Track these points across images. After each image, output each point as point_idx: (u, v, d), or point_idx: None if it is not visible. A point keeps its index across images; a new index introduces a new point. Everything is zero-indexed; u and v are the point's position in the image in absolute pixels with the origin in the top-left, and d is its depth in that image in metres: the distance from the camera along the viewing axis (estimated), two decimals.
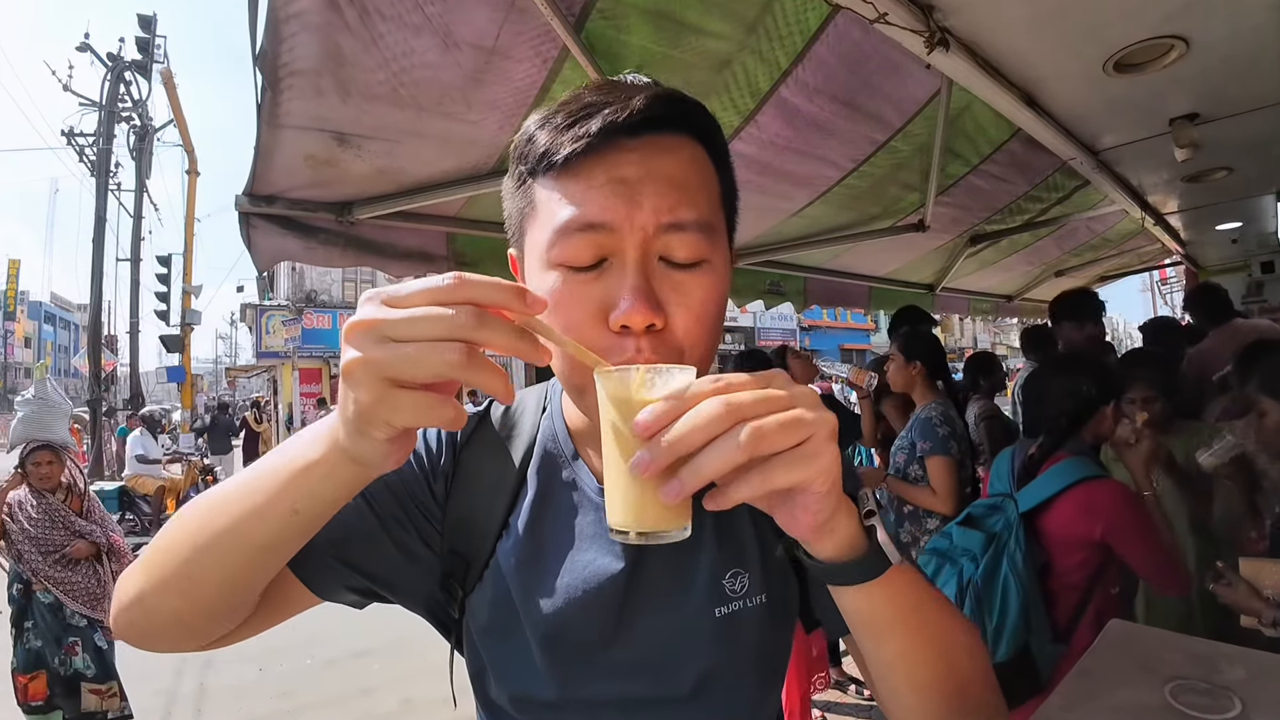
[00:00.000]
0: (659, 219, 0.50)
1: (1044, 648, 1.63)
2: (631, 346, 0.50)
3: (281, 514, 0.46)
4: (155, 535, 0.53)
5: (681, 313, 0.51)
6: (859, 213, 3.02)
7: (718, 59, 1.78)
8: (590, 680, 0.60)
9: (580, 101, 0.52)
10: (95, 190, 13.95)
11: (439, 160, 2.03)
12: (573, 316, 0.51)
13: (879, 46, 1.79)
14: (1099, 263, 5.20)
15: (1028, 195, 3.21)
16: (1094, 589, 1.65)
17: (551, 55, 1.65)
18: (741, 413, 0.38)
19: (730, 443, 0.38)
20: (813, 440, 0.40)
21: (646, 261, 0.50)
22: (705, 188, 0.54)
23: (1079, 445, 1.75)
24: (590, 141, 0.49)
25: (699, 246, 0.52)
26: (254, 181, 1.91)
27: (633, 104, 0.50)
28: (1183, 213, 3.65)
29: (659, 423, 0.39)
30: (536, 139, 0.53)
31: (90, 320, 14.07)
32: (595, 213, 0.50)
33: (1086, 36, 1.66)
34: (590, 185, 0.50)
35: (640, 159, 0.50)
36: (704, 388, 0.40)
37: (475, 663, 0.65)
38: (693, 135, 0.54)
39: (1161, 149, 2.33)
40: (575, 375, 0.55)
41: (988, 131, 2.50)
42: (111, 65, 14.03)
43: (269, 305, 17.87)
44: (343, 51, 1.49)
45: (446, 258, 2.48)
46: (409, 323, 0.37)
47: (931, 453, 2.44)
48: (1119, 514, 1.60)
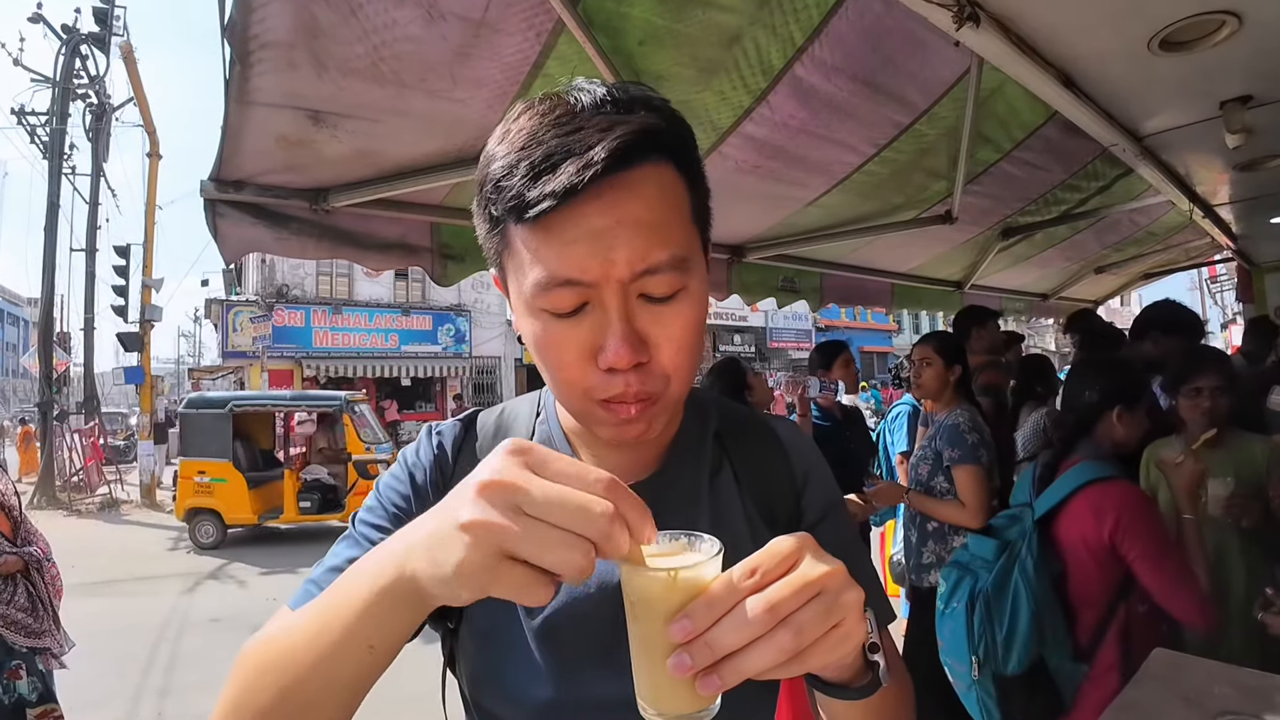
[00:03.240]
0: (633, 269, 0.55)
1: (1063, 665, 1.66)
2: (620, 382, 0.57)
3: (358, 652, 0.50)
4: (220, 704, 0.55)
5: (665, 345, 0.58)
6: (880, 202, 3.03)
7: (727, 34, 1.79)
8: (590, 682, 0.64)
9: (541, 148, 0.54)
10: (48, 174, 13.98)
11: (422, 142, 2.03)
12: (563, 358, 0.58)
13: (903, 21, 1.79)
14: (1142, 258, 5.19)
15: (1065, 184, 3.21)
16: (1117, 605, 1.67)
17: (545, 29, 1.66)
18: (782, 611, 0.42)
19: (774, 644, 0.42)
20: (846, 623, 0.45)
21: (626, 304, 0.57)
22: (677, 215, 0.59)
23: (1092, 449, 1.80)
24: (555, 203, 0.53)
25: (674, 281, 0.58)
26: (221, 165, 1.91)
27: (593, 155, 0.52)
28: (1234, 204, 3.65)
29: (699, 626, 0.42)
30: (503, 187, 0.56)
31: (41, 316, 14.09)
32: (573, 271, 0.55)
33: (1130, 12, 1.66)
34: (564, 241, 0.55)
35: (608, 205, 0.54)
36: (743, 583, 0.43)
37: (470, 670, 0.69)
38: (661, 157, 0.58)
39: (1211, 134, 2.33)
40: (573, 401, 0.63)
41: (1021, 115, 2.50)
42: (66, 38, 14.06)
43: (236, 301, 17.90)
44: (318, 22, 1.49)
45: (430, 250, 2.48)
46: (554, 506, 0.40)
47: (960, 461, 2.44)
48: (1127, 513, 1.64)
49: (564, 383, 0.61)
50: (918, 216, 3.12)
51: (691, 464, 0.73)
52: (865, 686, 0.53)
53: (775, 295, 3.65)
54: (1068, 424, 1.90)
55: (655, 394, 0.60)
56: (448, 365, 19.23)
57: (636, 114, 0.57)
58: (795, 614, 0.42)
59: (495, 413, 0.78)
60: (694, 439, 0.74)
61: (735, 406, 0.82)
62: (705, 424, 0.76)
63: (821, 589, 0.44)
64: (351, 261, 2.44)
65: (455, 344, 19.44)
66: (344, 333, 17.94)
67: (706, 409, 0.78)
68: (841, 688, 0.54)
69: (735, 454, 0.76)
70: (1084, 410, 1.86)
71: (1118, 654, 1.65)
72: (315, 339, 17.57)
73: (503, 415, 0.77)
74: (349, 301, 18.17)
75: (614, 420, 0.60)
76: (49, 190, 13.82)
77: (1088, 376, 1.93)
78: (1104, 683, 1.64)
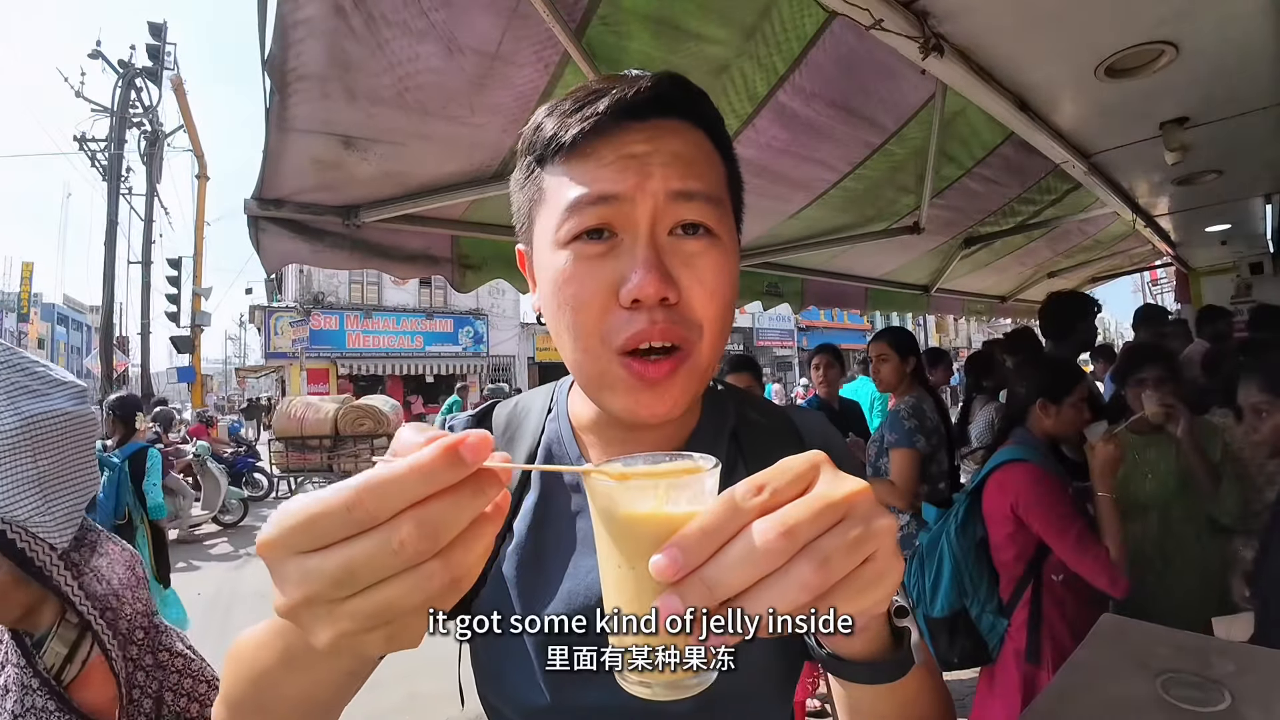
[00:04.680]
0: (669, 185, 0.49)
1: (984, 617, 1.77)
2: (645, 319, 0.48)
3: (330, 674, 0.43)
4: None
5: (696, 287, 0.49)
6: (855, 215, 3.02)
7: (716, 64, 1.78)
8: (586, 690, 0.55)
9: (587, 89, 0.51)
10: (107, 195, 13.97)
11: (443, 163, 2.03)
12: (583, 294, 0.49)
13: (874, 52, 1.79)
14: (1091, 264, 5.20)
15: (1020, 198, 3.21)
16: (1031, 571, 1.74)
17: (553, 60, 1.65)
18: (801, 536, 0.30)
19: (793, 580, 0.29)
20: (880, 556, 0.32)
21: (658, 234, 0.49)
22: (713, 167, 0.54)
23: (1022, 435, 1.87)
24: (598, 120, 0.48)
25: (709, 214, 0.50)
26: (262, 185, 1.91)
27: (640, 84, 0.49)
28: (1173, 215, 3.65)
29: (693, 559, 0.30)
30: (544, 126, 0.52)
31: (102, 322, 14.09)
32: (606, 186, 0.48)
33: (1078, 42, 1.66)
34: (600, 163, 0.49)
35: (648, 137, 0.49)
36: (748, 503, 0.31)
37: (478, 667, 0.63)
38: (698, 123, 0.54)
39: (1152, 152, 2.33)
40: (589, 365, 0.52)
41: (981, 135, 2.50)
42: (123, 72, 14.05)
43: (277, 307, 17.89)
44: (349, 56, 1.49)
45: (451, 260, 2.48)
46: (348, 571, 0.28)
47: (896, 445, 2.44)
48: (1025, 490, 1.70)
49: (581, 328, 0.50)
50: (889, 227, 3.11)
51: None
52: (895, 664, 0.41)
53: (761, 299, 3.65)
54: (1007, 414, 2.01)
55: (685, 342, 0.50)
56: (467, 364, 19.22)
57: (682, 81, 0.53)
58: (818, 541, 0.30)
59: (510, 406, 0.69)
60: (709, 437, 0.63)
61: (755, 400, 0.71)
62: (722, 422, 0.65)
63: (847, 512, 0.31)
64: (380, 271, 2.44)
65: (474, 344, 19.44)
66: (374, 335, 17.95)
67: (724, 405, 0.67)
68: (868, 666, 0.41)
69: (751, 452, 0.64)
70: (1015, 402, 1.94)
71: (1028, 614, 1.72)
72: (348, 341, 17.58)
73: (515, 410, 0.68)
74: (378, 307, 18.17)
75: (635, 383, 0.50)
76: (108, 209, 13.81)
77: (1020, 374, 2.04)
78: (1018, 638, 1.73)
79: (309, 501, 0.29)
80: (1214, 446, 1.95)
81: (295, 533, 0.29)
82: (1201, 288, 5.20)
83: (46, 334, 45.38)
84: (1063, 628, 1.69)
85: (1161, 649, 0.89)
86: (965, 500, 1.85)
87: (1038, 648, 1.69)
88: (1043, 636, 1.69)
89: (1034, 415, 1.88)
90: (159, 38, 14.23)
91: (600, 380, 0.52)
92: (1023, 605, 1.73)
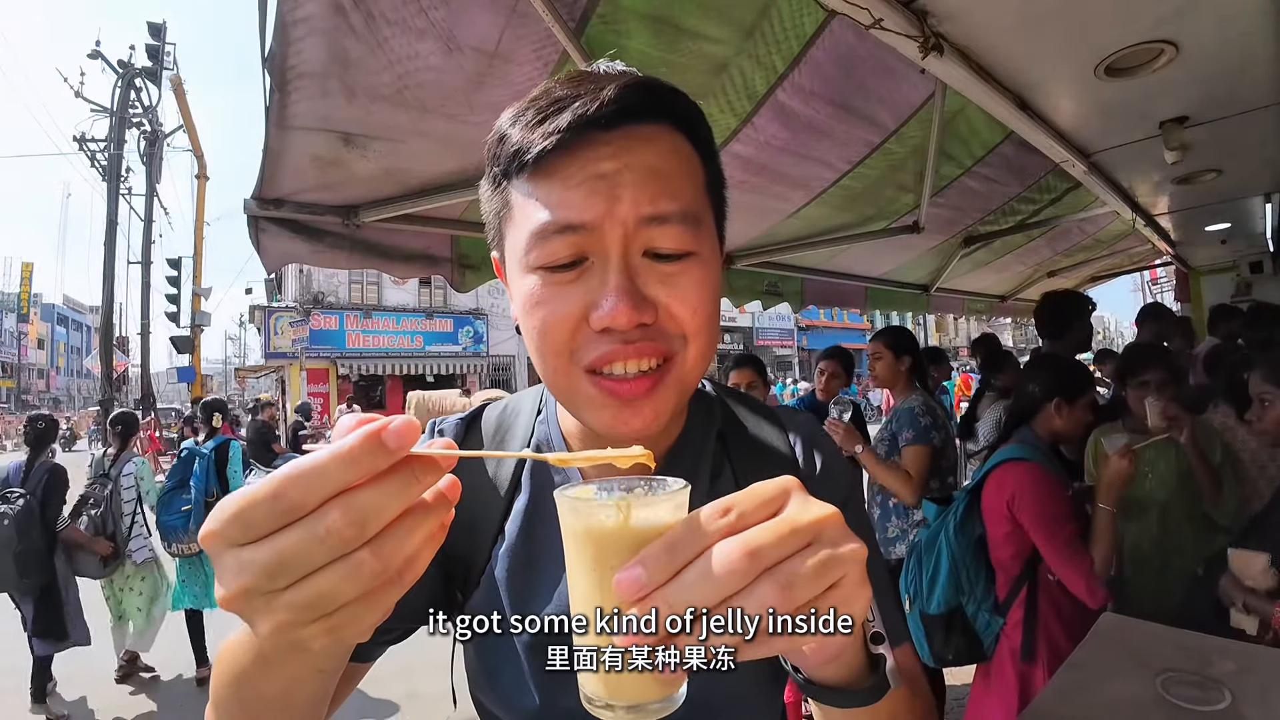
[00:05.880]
0: (639, 211, 0.46)
1: (980, 615, 1.76)
2: (617, 340, 0.46)
3: (308, 676, 0.43)
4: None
5: (675, 304, 0.47)
6: (855, 214, 3.02)
7: (715, 63, 1.78)
8: (576, 691, 0.56)
9: (550, 96, 0.47)
10: (107, 195, 13.97)
11: (442, 161, 2.03)
12: (550, 319, 0.47)
13: (874, 51, 1.79)
14: (1091, 263, 5.19)
15: (1020, 197, 3.21)
16: (1027, 570, 1.73)
17: (552, 59, 1.65)
18: (763, 559, 0.29)
19: (752, 602, 0.29)
20: (845, 582, 0.31)
21: (629, 258, 0.46)
22: (689, 177, 0.50)
23: (1025, 435, 1.86)
24: (562, 137, 0.45)
25: (684, 238, 0.47)
26: (262, 185, 1.90)
27: (604, 95, 0.45)
28: (1173, 214, 3.64)
29: (656, 577, 0.30)
30: (509, 137, 0.49)
31: (102, 322, 14.10)
32: (573, 213, 0.45)
33: (1078, 41, 1.66)
34: (566, 185, 0.46)
35: (616, 151, 0.46)
36: (712, 524, 0.30)
37: (470, 668, 0.62)
38: (672, 124, 0.50)
39: (1152, 152, 2.32)
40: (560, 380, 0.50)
41: (981, 134, 2.50)
42: (122, 72, 14.05)
43: (277, 307, 17.88)
44: (349, 54, 1.49)
45: (450, 260, 2.48)
46: (279, 561, 0.28)
47: (914, 441, 2.46)
48: (1022, 490, 1.70)
49: (550, 349, 0.48)
50: (888, 226, 3.11)
51: (691, 467, 0.60)
52: (870, 690, 0.41)
53: (761, 298, 3.65)
54: (1014, 413, 1.98)
55: (669, 355, 0.48)
56: (467, 363, 19.21)
57: (650, 83, 0.50)
58: (782, 564, 0.30)
59: (499, 408, 0.68)
60: (697, 440, 0.62)
61: (744, 400, 0.69)
62: (709, 423, 0.64)
63: (814, 537, 0.31)
64: (380, 271, 2.44)
65: (474, 344, 19.42)
66: (374, 335, 17.93)
67: (712, 406, 0.65)
68: (841, 691, 0.41)
69: (737, 453, 0.63)
70: (1026, 401, 1.91)
71: (1024, 613, 1.72)
72: (348, 340, 17.56)
73: (505, 412, 0.67)
74: (378, 307, 18.15)
75: (608, 400, 0.48)
76: (108, 209, 13.81)
77: (1033, 372, 1.98)
78: (1013, 636, 1.72)
79: (242, 493, 0.29)
80: (1214, 449, 1.95)
81: (230, 524, 0.29)
82: (1201, 287, 5.20)
83: (46, 334, 45.37)
84: (1058, 627, 1.69)
85: (1161, 648, 0.89)
86: (965, 498, 1.85)
87: (1032, 647, 1.69)
88: (1038, 635, 1.69)
89: (1045, 414, 1.85)
90: (158, 38, 14.22)
91: (573, 397, 0.51)
92: (1019, 604, 1.73)
